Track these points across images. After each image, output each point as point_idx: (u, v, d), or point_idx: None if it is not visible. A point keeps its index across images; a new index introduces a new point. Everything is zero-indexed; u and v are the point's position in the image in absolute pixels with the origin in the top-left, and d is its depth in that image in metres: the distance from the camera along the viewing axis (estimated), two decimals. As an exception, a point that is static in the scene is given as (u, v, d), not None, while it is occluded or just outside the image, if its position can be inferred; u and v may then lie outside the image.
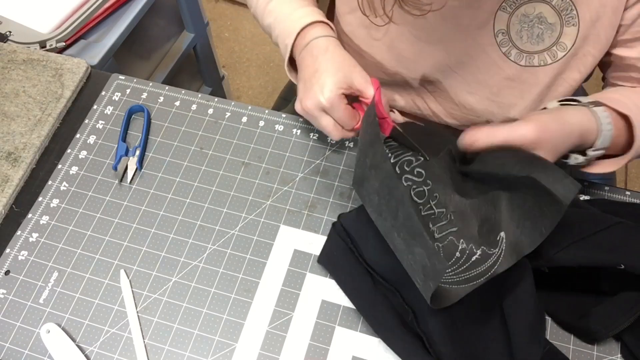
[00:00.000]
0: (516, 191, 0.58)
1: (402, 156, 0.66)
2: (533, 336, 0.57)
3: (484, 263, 0.57)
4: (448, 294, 0.57)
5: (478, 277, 0.57)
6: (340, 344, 0.64)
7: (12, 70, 0.84)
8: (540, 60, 0.70)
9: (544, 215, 0.55)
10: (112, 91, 0.82)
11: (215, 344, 0.64)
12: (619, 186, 0.77)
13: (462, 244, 0.58)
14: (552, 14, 0.66)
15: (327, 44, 0.68)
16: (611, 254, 0.59)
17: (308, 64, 0.68)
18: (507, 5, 0.67)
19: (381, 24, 0.72)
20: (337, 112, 0.65)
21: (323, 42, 0.69)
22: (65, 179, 0.75)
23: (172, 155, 0.77)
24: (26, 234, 0.71)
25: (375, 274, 0.64)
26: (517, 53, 0.70)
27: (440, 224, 0.60)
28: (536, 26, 0.68)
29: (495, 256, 0.58)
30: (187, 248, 0.70)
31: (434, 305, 0.57)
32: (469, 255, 0.58)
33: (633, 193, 0.72)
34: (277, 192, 0.73)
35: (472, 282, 0.57)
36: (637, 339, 0.61)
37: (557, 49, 0.69)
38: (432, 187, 0.61)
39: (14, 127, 0.79)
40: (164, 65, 1.35)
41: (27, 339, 0.65)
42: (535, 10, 0.67)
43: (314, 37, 0.69)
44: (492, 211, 0.59)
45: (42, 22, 1.01)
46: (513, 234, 0.58)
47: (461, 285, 0.57)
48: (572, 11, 0.66)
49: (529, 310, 0.57)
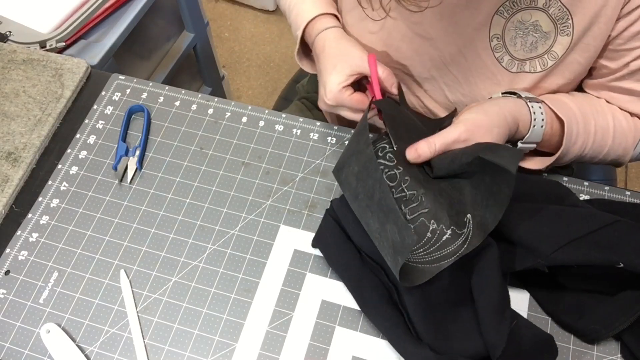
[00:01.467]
0: (473, 175, 0.62)
1: (379, 143, 0.67)
2: (499, 314, 0.58)
3: (453, 242, 0.59)
4: (420, 273, 0.59)
5: (448, 256, 0.59)
6: (340, 344, 0.64)
7: (12, 70, 0.84)
8: (531, 67, 0.70)
9: (501, 189, 0.58)
10: (112, 91, 0.82)
11: (215, 344, 0.64)
12: (619, 186, 0.77)
13: (432, 224, 0.60)
14: (548, 23, 0.66)
15: (324, 40, 0.72)
16: (610, 252, 0.59)
17: (321, 52, 0.72)
18: (505, 10, 0.67)
19: (378, 19, 0.72)
20: (345, 104, 0.69)
21: (322, 39, 0.73)
22: (65, 179, 0.75)
23: (172, 155, 0.77)
24: (26, 234, 0.71)
25: (363, 250, 0.65)
26: (510, 60, 0.70)
27: (412, 206, 0.61)
28: (531, 34, 0.67)
29: (464, 236, 0.60)
30: (187, 248, 0.70)
31: (404, 282, 0.59)
32: (440, 235, 0.60)
33: (633, 193, 0.72)
34: (277, 192, 0.73)
35: (443, 261, 0.59)
36: (637, 339, 0.61)
37: (548, 57, 0.69)
38: (403, 171, 0.63)
39: (14, 127, 0.79)
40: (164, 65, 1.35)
41: (27, 339, 0.65)
42: (531, 17, 0.66)
43: (318, 32, 0.73)
44: (457, 195, 0.62)
45: (42, 22, 1.01)
46: (479, 214, 0.60)
47: (433, 265, 0.59)
48: (567, 20, 0.65)
49: (494, 288, 0.59)
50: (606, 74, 0.71)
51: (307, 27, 0.75)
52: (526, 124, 0.67)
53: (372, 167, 0.60)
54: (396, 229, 0.57)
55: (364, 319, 0.65)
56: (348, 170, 0.64)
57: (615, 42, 0.67)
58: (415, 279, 0.59)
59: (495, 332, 0.57)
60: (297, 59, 0.79)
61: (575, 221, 0.61)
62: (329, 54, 0.71)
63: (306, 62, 0.80)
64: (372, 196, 0.60)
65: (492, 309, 0.58)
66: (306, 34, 0.76)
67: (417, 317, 0.60)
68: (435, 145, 0.63)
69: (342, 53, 0.70)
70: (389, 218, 0.58)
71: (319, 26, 0.74)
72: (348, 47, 0.71)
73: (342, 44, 0.71)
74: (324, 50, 0.72)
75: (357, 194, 0.63)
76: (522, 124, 0.67)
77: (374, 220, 0.60)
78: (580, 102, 0.71)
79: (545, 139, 0.68)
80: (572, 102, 0.70)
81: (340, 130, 0.78)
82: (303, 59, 0.79)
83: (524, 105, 0.67)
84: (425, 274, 0.59)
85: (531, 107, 0.67)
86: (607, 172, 1.02)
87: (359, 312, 0.65)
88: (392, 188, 0.63)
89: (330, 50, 0.71)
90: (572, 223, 0.61)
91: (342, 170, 0.65)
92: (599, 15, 0.64)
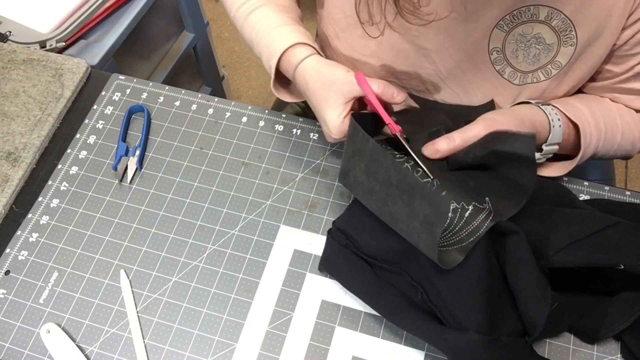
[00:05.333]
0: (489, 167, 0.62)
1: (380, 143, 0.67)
2: (538, 295, 0.57)
3: (477, 217, 0.58)
4: (452, 255, 0.58)
5: (475, 231, 0.58)
6: (340, 344, 0.64)
7: (12, 70, 0.84)
8: (534, 77, 0.69)
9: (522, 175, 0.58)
10: (112, 91, 0.82)
11: (215, 344, 0.64)
12: (619, 186, 0.77)
13: (452, 203, 0.59)
14: (551, 35, 0.66)
15: (304, 75, 0.67)
16: (610, 254, 0.59)
17: (306, 89, 0.67)
18: (505, 24, 0.66)
19: (375, 35, 0.71)
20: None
21: (301, 74, 0.67)
22: (65, 179, 0.75)
23: (172, 155, 0.77)
24: (26, 234, 0.71)
25: (377, 261, 0.64)
26: (512, 72, 0.70)
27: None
28: (533, 46, 0.67)
29: (486, 211, 0.59)
30: (187, 248, 0.70)
31: (444, 264, 0.57)
32: (462, 212, 0.59)
33: (633, 193, 0.72)
34: (277, 192, 0.73)
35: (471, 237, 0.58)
36: (637, 339, 0.61)
37: (551, 67, 0.68)
38: (414, 164, 0.62)
39: (14, 127, 0.79)
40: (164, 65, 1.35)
41: (27, 339, 0.65)
42: (533, 30, 0.66)
43: (295, 66, 0.68)
44: (473, 183, 0.62)
45: (42, 22, 1.01)
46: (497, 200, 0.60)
47: (462, 244, 0.58)
48: (571, 32, 0.65)
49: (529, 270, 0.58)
50: (610, 77, 0.71)
51: (281, 59, 0.69)
52: (544, 126, 0.66)
53: (380, 158, 0.59)
54: (426, 202, 0.56)
55: (364, 319, 0.65)
56: (355, 171, 0.63)
57: (622, 49, 0.66)
58: (450, 262, 0.58)
59: (535, 312, 0.57)
60: (274, 91, 0.73)
61: (576, 223, 0.61)
62: (315, 88, 0.66)
63: (284, 93, 0.74)
64: (389, 182, 0.59)
65: (530, 290, 0.58)
66: (282, 67, 0.70)
67: (457, 304, 0.59)
68: (455, 140, 0.62)
69: (328, 83, 0.65)
70: (415, 194, 0.57)
71: (294, 59, 0.68)
72: (330, 74, 0.65)
73: (324, 74, 0.66)
74: (308, 86, 0.67)
75: (371, 190, 0.62)
76: (540, 127, 0.66)
77: (398, 206, 0.59)
78: (587, 102, 0.71)
79: (564, 139, 0.68)
80: (580, 103, 0.70)
81: (340, 130, 0.78)
82: (280, 89, 0.74)
83: (537, 109, 0.67)
84: (458, 254, 0.58)
85: (545, 110, 0.66)
86: (607, 172, 1.01)
87: (359, 312, 0.65)
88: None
89: (315, 84, 0.66)
90: (573, 225, 0.61)
91: (348, 175, 0.64)
92: (603, 25, 0.63)
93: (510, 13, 0.65)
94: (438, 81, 0.74)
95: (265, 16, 0.72)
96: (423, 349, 0.63)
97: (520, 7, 0.64)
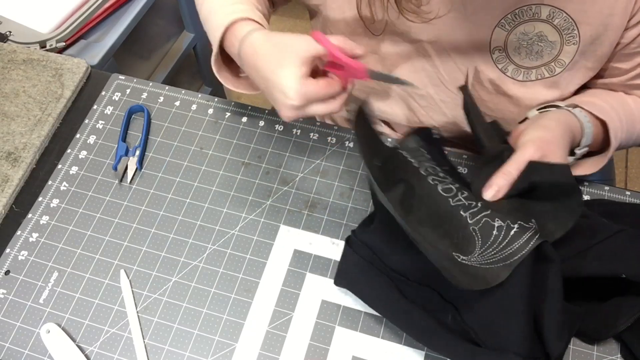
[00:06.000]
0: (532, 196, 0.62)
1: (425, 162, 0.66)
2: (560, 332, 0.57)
3: (522, 235, 0.57)
4: (495, 273, 0.56)
5: (520, 250, 0.56)
6: (340, 344, 0.64)
7: (12, 70, 0.84)
8: (538, 74, 0.69)
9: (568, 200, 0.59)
10: (112, 91, 0.82)
11: (215, 344, 0.64)
12: (619, 186, 0.77)
13: (497, 222, 0.58)
14: (553, 33, 0.66)
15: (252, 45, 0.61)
16: (612, 264, 0.59)
17: (256, 59, 0.61)
18: (506, 23, 0.66)
19: (377, 33, 0.71)
20: (316, 96, 0.58)
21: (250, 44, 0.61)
22: (65, 179, 0.75)
23: (172, 155, 0.77)
24: (26, 234, 0.71)
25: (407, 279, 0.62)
26: (515, 69, 0.69)
27: (472, 211, 0.60)
28: (536, 44, 0.67)
29: (532, 230, 0.57)
30: (187, 248, 0.70)
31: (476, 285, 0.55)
32: (507, 230, 0.57)
33: (633, 193, 0.72)
34: (277, 192, 0.73)
35: (515, 256, 0.56)
36: (637, 339, 0.61)
37: (555, 64, 0.68)
38: (459, 186, 0.62)
39: (14, 127, 0.79)
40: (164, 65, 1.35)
41: (27, 339, 0.65)
42: (535, 29, 0.66)
43: (241, 40, 0.62)
44: (519, 205, 0.61)
45: (42, 22, 1.01)
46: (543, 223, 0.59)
47: (507, 262, 0.57)
48: (573, 30, 0.65)
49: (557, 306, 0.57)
50: (619, 74, 0.71)
51: (225, 36, 0.64)
52: (579, 131, 0.66)
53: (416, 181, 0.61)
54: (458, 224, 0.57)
55: (364, 319, 0.65)
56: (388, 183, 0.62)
57: (629, 47, 0.67)
58: (491, 279, 0.56)
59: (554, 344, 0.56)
60: (215, 70, 0.68)
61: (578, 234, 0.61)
62: (265, 53, 0.59)
63: (225, 73, 0.69)
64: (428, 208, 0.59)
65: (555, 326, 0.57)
66: (227, 44, 0.65)
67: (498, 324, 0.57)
68: (512, 173, 0.61)
69: (281, 46, 0.58)
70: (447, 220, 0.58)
71: (240, 32, 0.62)
72: (283, 37, 0.59)
73: (274, 39, 0.60)
74: (257, 55, 0.60)
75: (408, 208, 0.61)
76: (577, 134, 0.66)
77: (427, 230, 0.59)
78: (603, 97, 0.71)
79: (593, 139, 0.68)
80: (598, 100, 0.70)
81: (341, 130, 0.78)
82: (222, 69, 0.69)
83: (569, 114, 0.67)
84: (501, 272, 0.56)
85: (576, 114, 0.66)
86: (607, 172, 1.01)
87: (359, 312, 0.65)
88: (448, 198, 0.61)
89: (265, 50, 0.59)
90: (575, 237, 0.60)
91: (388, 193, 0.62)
92: (605, 23, 0.63)
93: (511, 12, 0.65)
94: (438, 83, 0.74)
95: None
96: (423, 349, 0.63)
97: (522, 6, 0.64)
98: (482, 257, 0.57)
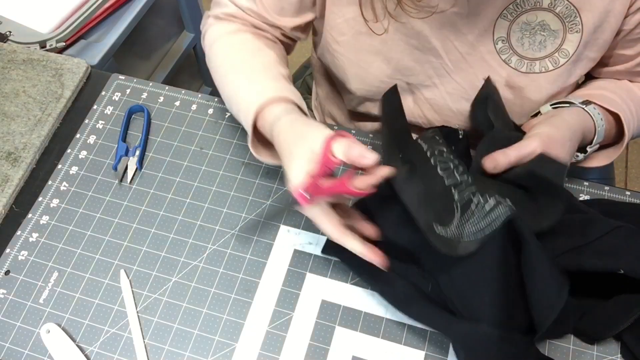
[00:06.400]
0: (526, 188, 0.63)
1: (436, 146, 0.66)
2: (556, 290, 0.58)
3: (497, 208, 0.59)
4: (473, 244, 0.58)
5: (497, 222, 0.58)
6: (340, 344, 0.64)
7: (12, 70, 0.84)
8: (542, 66, 0.70)
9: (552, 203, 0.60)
10: (112, 91, 0.82)
11: (215, 344, 0.64)
12: (619, 186, 0.77)
13: (476, 197, 0.60)
14: (556, 21, 0.66)
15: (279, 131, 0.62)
16: (611, 259, 0.59)
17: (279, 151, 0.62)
18: (508, 13, 0.67)
19: (380, 32, 0.71)
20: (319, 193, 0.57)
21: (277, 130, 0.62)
22: (65, 179, 0.75)
23: (172, 155, 0.77)
24: (26, 234, 0.71)
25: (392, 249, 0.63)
26: (518, 60, 0.70)
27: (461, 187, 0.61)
28: (538, 33, 0.67)
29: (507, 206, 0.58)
30: (187, 248, 0.70)
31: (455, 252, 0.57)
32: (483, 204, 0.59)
33: (633, 193, 0.72)
34: (277, 192, 0.73)
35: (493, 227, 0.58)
36: (637, 339, 0.61)
37: (559, 55, 0.69)
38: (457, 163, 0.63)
39: (14, 127, 0.79)
40: (164, 65, 1.35)
41: (27, 339, 0.65)
42: (537, 18, 0.66)
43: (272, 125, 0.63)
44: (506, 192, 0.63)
45: (42, 22, 1.01)
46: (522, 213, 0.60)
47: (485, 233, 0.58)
48: (575, 18, 0.65)
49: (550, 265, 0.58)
50: (624, 61, 0.72)
51: (257, 119, 0.65)
52: (591, 130, 0.67)
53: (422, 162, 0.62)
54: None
55: (364, 319, 0.65)
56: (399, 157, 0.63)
57: (633, 33, 0.67)
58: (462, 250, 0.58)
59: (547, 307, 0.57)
60: (254, 151, 0.67)
61: (576, 230, 0.61)
62: (285, 141, 0.60)
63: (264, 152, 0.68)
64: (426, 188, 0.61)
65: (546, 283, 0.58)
66: (259, 126, 0.66)
67: (472, 293, 0.59)
68: (511, 156, 0.63)
69: (297, 137, 0.59)
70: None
71: (269, 116, 0.64)
72: (303, 128, 0.60)
73: (296, 127, 0.60)
74: (280, 142, 0.61)
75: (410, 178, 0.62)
76: (587, 133, 0.67)
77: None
78: (612, 88, 0.72)
79: (605, 135, 0.69)
80: (608, 92, 0.71)
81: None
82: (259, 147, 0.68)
83: (583, 112, 0.68)
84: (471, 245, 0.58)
85: (590, 112, 0.67)
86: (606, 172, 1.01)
87: (359, 312, 0.65)
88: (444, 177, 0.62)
89: (284, 138, 0.60)
90: (573, 232, 0.61)
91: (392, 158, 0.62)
92: (607, 9, 0.64)
93: (513, 2, 0.66)
94: (444, 74, 0.74)
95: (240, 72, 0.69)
96: (423, 349, 0.63)
97: None
98: (457, 229, 0.59)
